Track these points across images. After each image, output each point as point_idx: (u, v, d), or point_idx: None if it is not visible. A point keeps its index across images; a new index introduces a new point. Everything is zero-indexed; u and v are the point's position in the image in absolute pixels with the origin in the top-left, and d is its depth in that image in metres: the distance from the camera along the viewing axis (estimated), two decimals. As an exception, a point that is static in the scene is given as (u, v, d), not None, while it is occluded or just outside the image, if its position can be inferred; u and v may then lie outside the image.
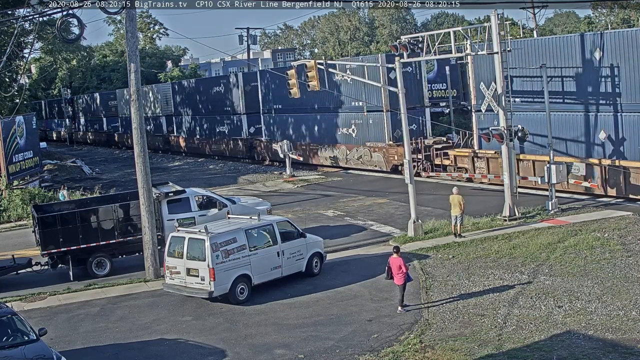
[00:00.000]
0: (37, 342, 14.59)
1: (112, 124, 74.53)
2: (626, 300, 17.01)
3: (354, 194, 34.47)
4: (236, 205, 25.17)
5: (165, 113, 64.06)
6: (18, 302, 20.24)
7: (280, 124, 48.28)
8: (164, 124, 64.72)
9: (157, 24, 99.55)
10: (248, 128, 51.94)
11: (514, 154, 27.26)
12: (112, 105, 73.68)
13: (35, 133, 45.67)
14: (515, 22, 41.49)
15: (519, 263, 20.66)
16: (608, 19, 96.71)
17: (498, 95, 26.29)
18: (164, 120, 64.58)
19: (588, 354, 14.27)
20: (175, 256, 19.63)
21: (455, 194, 24.07)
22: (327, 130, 43.71)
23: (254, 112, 50.97)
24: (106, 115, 75.68)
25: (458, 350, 15.00)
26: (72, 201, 27.99)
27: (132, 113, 22.68)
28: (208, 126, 57.47)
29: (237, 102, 52.50)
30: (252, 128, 51.70)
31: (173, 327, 18.01)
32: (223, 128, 55.27)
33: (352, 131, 35.06)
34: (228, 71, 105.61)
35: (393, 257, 17.89)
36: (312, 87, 28.07)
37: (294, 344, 16.20)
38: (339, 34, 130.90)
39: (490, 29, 25.45)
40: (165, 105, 63.74)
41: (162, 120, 65.05)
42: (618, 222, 24.11)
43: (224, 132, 55.02)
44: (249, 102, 50.95)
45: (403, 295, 17.77)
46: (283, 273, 20.45)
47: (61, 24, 22.57)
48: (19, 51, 43.82)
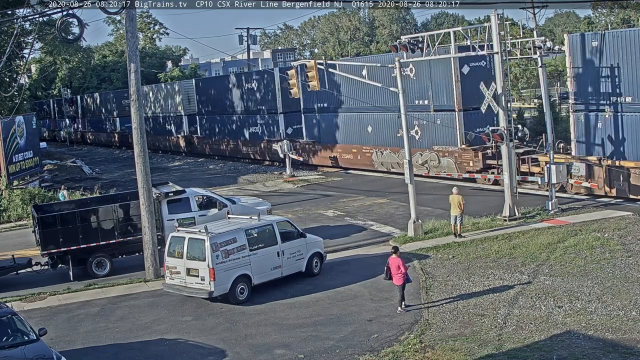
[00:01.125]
0: (37, 342, 14.58)
1: (125, 124, 68.59)
2: (626, 300, 17.01)
3: (354, 194, 34.47)
4: (236, 205, 25.17)
5: (188, 112, 59.70)
6: (18, 302, 20.24)
7: (326, 124, 44.04)
8: (186, 123, 60.34)
9: (157, 24, 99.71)
10: (285, 129, 47.60)
11: (514, 154, 27.22)
12: (126, 104, 66.82)
13: (35, 133, 45.67)
14: (515, 22, 41.45)
15: (519, 263, 20.66)
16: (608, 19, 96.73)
17: (498, 95, 26.29)
18: (186, 120, 60.18)
19: (588, 354, 14.27)
20: (175, 256, 19.63)
21: (455, 194, 24.08)
22: (382, 131, 39.22)
23: (292, 111, 46.75)
24: (120, 115, 71.13)
25: (458, 350, 15.00)
26: (72, 201, 27.99)
27: (132, 113, 22.67)
28: (237, 126, 52.97)
29: (273, 100, 47.92)
30: (290, 129, 47.40)
31: (173, 327, 18.00)
32: (255, 129, 50.82)
33: (415, 133, 29.73)
34: (228, 71, 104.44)
35: (392, 258, 17.89)
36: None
37: (294, 344, 16.20)
38: (339, 34, 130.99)
39: (490, 29, 25.46)
40: (187, 104, 59.43)
41: (183, 119, 60.59)
42: (618, 222, 24.12)
43: (256, 133, 50.61)
44: (287, 99, 44.80)
45: (402, 295, 17.77)
46: (283, 273, 20.45)
47: (61, 24, 22.56)
48: (19, 51, 43.81)
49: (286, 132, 47.47)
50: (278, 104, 47.53)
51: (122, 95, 70.36)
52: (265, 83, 49.60)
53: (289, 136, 46.62)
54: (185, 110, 59.92)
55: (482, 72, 33.13)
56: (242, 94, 52.19)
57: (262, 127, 49.92)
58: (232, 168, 49.73)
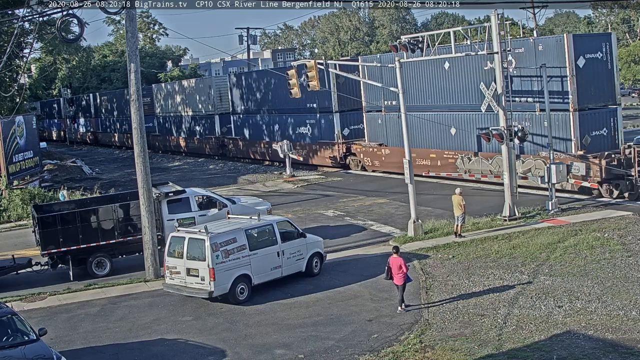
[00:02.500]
0: (37, 342, 14.58)
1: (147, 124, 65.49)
2: (626, 300, 17.01)
3: (354, 194, 34.46)
4: (236, 205, 25.16)
5: (220, 111, 54.63)
6: (18, 302, 20.24)
7: (394, 124, 37.50)
8: (217, 123, 55.15)
9: (157, 24, 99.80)
10: (341, 129, 42.50)
11: (514, 154, 27.21)
12: (145, 102, 63.03)
13: (35, 133, 45.69)
14: (515, 22, 41.45)
15: (519, 263, 20.66)
16: (608, 19, 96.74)
17: (498, 95, 26.29)
18: (217, 120, 54.99)
19: (588, 354, 14.27)
20: (175, 256, 19.63)
21: (457, 194, 24.09)
22: (470, 133, 33.23)
23: (350, 110, 42.10)
24: None
25: (458, 350, 15.00)
26: (72, 201, 27.98)
27: (132, 113, 22.67)
28: (279, 128, 47.78)
29: (327, 98, 42.26)
30: (347, 129, 42.54)
31: (173, 327, 18.00)
32: (304, 129, 45.50)
33: (518, 138, 25.87)
34: (228, 71, 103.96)
35: (393, 257, 17.89)
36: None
37: (294, 344, 16.20)
38: (339, 34, 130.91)
39: (490, 29, 25.47)
40: (219, 102, 54.38)
41: (215, 119, 55.26)
42: (618, 222, 24.11)
43: (305, 134, 45.35)
44: (342, 97, 41.04)
45: (403, 295, 17.77)
46: (283, 273, 20.45)
47: (61, 24, 22.57)
48: (19, 51, 43.84)
49: (342, 132, 42.54)
50: (333, 101, 42.14)
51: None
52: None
53: (345, 138, 42.53)
54: (217, 108, 54.99)
55: (599, 66, 29.13)
56: (284, 92, 42.57)
57: (312, 128, 44.78)
58: (232, 168, 49.70)
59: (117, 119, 72.28)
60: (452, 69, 32.81)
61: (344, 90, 40.52)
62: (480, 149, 32.44)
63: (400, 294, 17.77)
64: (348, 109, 42.07)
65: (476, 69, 30.90)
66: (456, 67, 32.29)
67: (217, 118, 55.05)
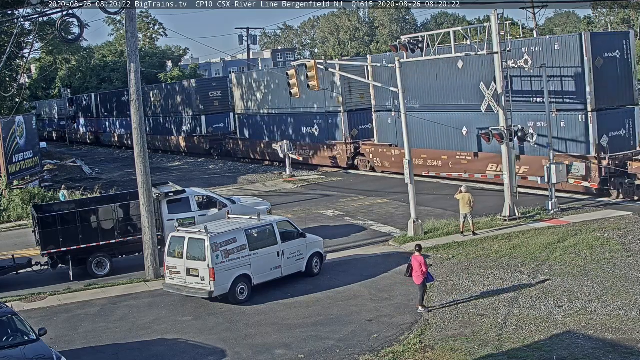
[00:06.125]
0: (37, 342, 14.59)
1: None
2: (626, 300, 17.01)
3: (354, 194, 34.45)
4: (236, 205, 25.16)
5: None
6: (18, 302, 20.24)
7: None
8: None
9: (157, 24, 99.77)
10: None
11: (514, 154, 27.19)
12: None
13: (35, 133, 45.68)
14: (515, 22, 41.44)
15: (519, 263, 20.66)
16: (608, 19, 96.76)
17: (498, 95, 26.29)
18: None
19: (588, 354, 14.28)
20: (175, 256, 19.64)
21: (464, 192, 24.09)
22: None
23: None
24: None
25: (458, 350, 15.01)
26: (72, 201, 27.98)
27: (132, 113, 22.68)
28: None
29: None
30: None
31: (173, 327, 18.01)
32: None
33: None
34: (228, 71, 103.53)
35: (415, 255, 17.91)
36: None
37: (294, 344, 16.20)
38: (339, 34, 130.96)
39: (490, 29, 25.46)
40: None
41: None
42: (618, 222, 24.11)
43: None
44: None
45: (423, 295, 17.70)
46: (283, 273, 20.45)
47: (61, 24, 22.58)
48: (19, 51, 43.83)
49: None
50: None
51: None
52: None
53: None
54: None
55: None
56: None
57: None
58: (232, 168, 49.67)
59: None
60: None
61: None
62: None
63: (420, 293, 17.70)
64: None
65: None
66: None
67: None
